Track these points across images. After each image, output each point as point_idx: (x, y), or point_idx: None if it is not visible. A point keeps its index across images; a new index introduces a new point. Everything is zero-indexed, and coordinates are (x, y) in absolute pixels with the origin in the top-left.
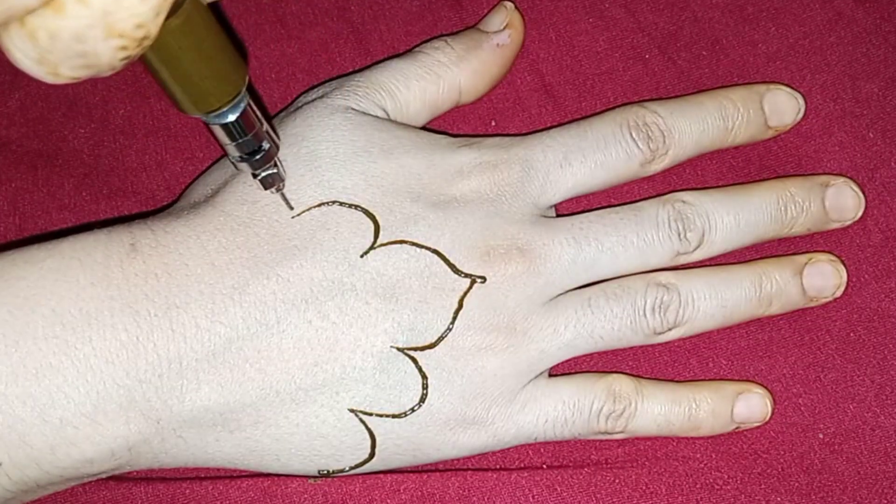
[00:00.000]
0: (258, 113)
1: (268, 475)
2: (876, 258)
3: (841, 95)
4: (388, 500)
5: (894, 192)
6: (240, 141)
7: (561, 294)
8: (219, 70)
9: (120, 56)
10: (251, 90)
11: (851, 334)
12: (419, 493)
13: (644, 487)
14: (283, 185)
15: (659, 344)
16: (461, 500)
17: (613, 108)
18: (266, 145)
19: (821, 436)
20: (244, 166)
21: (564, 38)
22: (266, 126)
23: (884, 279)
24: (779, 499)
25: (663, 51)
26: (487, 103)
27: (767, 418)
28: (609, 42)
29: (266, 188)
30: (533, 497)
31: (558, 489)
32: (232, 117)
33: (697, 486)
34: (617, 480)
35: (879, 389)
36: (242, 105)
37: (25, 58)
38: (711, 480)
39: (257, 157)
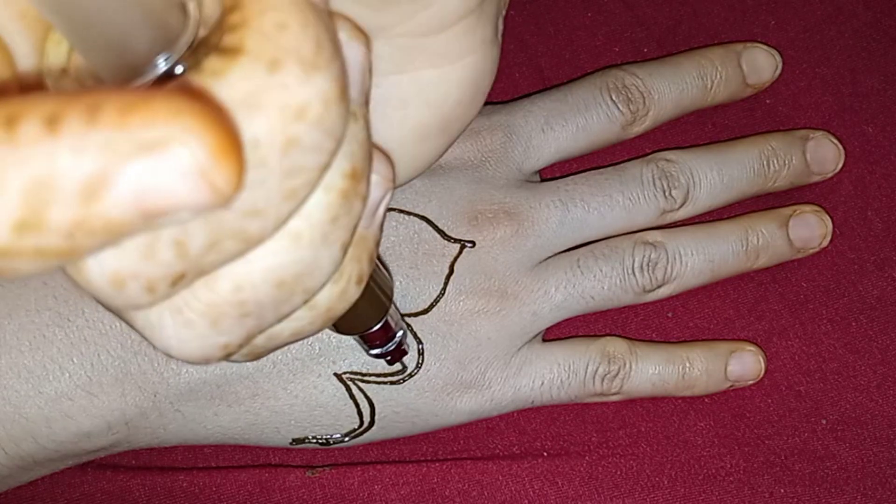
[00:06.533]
0: (396, 322)
1: (265, 466)
2: (877, 247)
3: (841, 90)
4: (388, 494)
5: (894, 183)
6: (380, 349)
7: (550, 257)
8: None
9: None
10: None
11: (853, 322)
12: (418, 488)
13: (646, 480)
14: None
15: (654, 331)
16: (461, 494)
17: (592, 72)
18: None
19: (823, 422)
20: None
21: (563, 32)
22: (403, 330)
23: (885, 268)
24: (782, 490)
25: (662, 45)
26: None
27: (761, 376)
28: (607, 36)
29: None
30: (534, 491)
31: (559, 482)
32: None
33: (700, 477)
34: (618, 472)
35: (882, 377)
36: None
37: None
38: (714, 471)
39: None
